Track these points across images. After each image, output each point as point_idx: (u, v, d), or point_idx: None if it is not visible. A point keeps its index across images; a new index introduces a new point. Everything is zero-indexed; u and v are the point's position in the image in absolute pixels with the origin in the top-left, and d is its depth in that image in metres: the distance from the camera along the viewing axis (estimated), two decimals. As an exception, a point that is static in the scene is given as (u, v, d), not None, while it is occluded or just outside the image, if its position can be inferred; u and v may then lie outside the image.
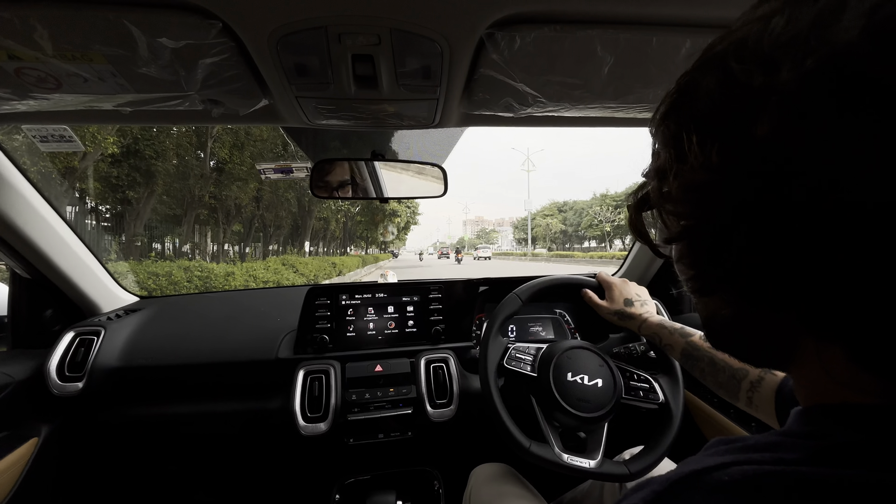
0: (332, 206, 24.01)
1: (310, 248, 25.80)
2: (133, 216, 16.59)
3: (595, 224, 57.08)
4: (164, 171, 16.57)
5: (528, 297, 0.96)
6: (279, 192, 22.07)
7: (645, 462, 0.83)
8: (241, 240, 25.49)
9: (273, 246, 26.14)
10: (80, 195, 15.68)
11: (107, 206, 17.13)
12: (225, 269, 7.36)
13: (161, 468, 1.17)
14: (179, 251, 20.99)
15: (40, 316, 1.09)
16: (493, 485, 0.90)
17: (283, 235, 26.25)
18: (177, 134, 17.21)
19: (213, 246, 22.82)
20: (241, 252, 25.16)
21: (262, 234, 25.87)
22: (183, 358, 1.07)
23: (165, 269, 6.54)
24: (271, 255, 24.11)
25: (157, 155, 15.38)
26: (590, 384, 0.86)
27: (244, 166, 19.04)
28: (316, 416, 1.01)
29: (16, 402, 0.95)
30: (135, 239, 16.77)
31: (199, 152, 18.60)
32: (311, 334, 1.11)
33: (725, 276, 0.28)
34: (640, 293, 0.95)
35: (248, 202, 21.70)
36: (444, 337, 1.18)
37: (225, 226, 21.88)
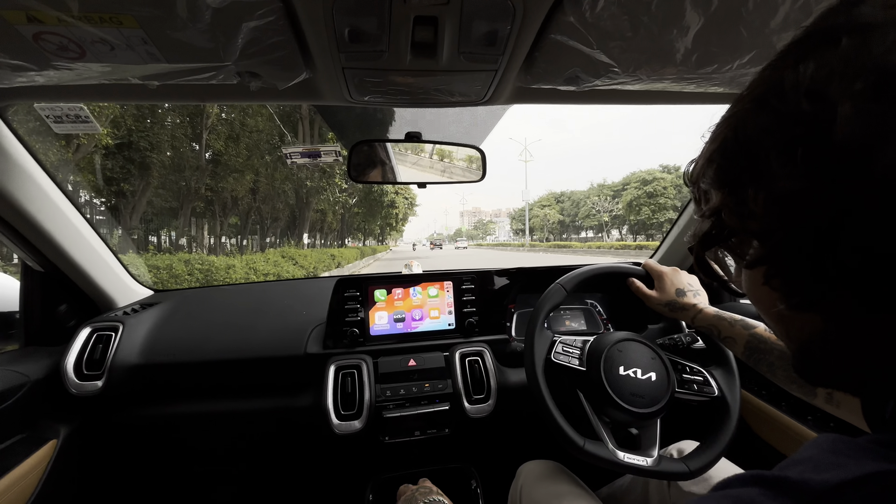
0: (330, 198, 23.86)
1: (308, 239, 25.69)
2: (129, 209, 16.41)
3: (592, 214, 57.08)
4: (160, 163, 16.38)
5: (573, 287, 0.90)
6: (276, 183, 21.88)
7: (704, 459, 0.78)
8: (238, 232, 25.34)
9: (270, 238, 25.99)
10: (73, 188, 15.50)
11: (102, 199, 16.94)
12: (226, 262, 7.28)
13: (185, 469, 1.13)
14: (176, 244, 20.84)
15: (54, 311, 1.03)
16: (545, 483, 0.86)
17: (280, 227, 26.10)
18: (171, 125, 16.99)
19: (210, 238, 22.67)
20: (239, 245, 25.02)
21: (258, 226, 25.71)
22: (206, 354, 1.02)
23: (165, 262, 6.46)
24: (268, 247, 23.99)
25: (151, 147, 15.17)
26: (643, 378, 0.81)
27: (240, 158, 18.86)
28: (350, 414, 0.96)
29: (32, 402, 0.89)
30: (132, 232, 16.62)
31: (194, 144, 18.40)
32: (340, 327, 1.05)
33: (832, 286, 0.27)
34: (692, 282, 0.90)
35: (244, 194, 21.54)
36: (477, 329, 1.13)
37: (222, 218, 21.73)
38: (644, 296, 0.90)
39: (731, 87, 0.72)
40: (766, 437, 0.99)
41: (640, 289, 0.91)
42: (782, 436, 0.95)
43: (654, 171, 41.54)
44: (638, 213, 40.73)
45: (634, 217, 41.69)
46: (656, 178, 40.29)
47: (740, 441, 0.79)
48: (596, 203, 55.56)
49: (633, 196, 41.48)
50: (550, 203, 71.24)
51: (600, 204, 54.44)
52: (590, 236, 66.03)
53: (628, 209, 42.30)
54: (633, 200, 41.46)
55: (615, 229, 56.54)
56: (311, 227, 27.60)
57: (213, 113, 17.51)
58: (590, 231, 64.65)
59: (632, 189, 41.95)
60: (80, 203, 0.98)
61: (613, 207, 51.81)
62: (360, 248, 26.98)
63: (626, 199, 42.45)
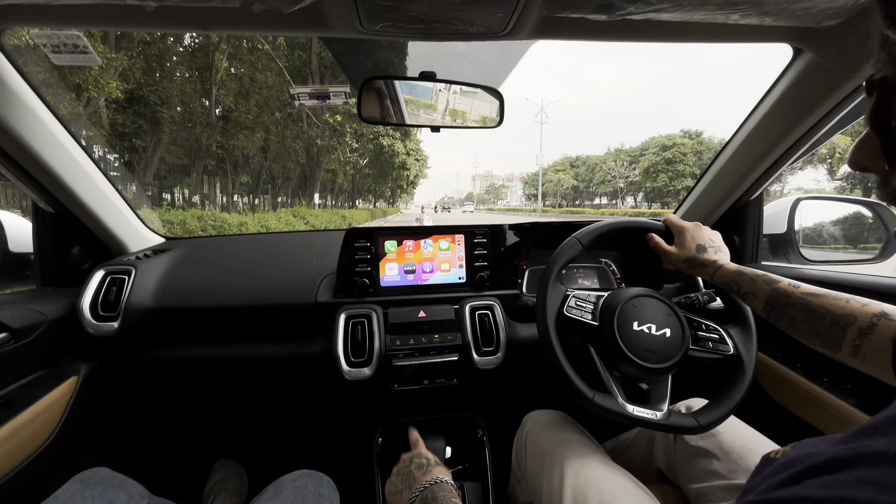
0: (341, 158, 23.60)
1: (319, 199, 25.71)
2: (142, 165, 16.51)
3: (608, 180, 55.79)
4: (170, 118, 16.31)
5: (590, 241, 0.87)
6: (286, 142, 21.67)
7: (714, 415, 0.77)
8: (249, 191, 25.43)
9: (282, 198, 26.06)
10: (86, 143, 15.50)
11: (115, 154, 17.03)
12: (238, 220, 7.36)
13: (201, 409, 1.17)
14: (189, 201, 21.05)
15: (67, 253, 1.03)
16: (551, 431, 0.87)
17: (291, 187, 26.10)
18: (180, 80, 16.73)
19: (222, 197, 22.82)
20: (251, 203, 25.17)
21: (270, 185, 25.73)
22: (218, 300, 1.02)
23: (179, 217, 6.55)
24: (280, 206, 24.11)
25: (161, 101, 15.03)
26: (657, 334, 0.79)
27: (250, 115, 18.63)
28: (360, 361, 0.97)
29: (51, 340, 0.91)
30: (146, 188, 16.80)
31: (204, 100, 18.17)
32: (351, 278, 1.05)
33: None
34: (713, 238, 0.86)
35: (255, 153, 21.43)
36: (488, 284, 1.12)
37: (233, 176, 21.78)
38: (663, 252, 0.87)
39: (779, 19, 0.65)
40: (777, 398, 0.98)
41: (659, 244, 0.88)
42: (795, 397, 0.93)
43: (675, 137, 40.09)
44: (655, 179, 39.71)
45: (651, 184, 40.70)
46: (676, 143, 38.93)
47: (751, 401, 0.78)
48: (612, 168, 54.14)
49: (650, 162, 40.29)
50: (565, 168, 69.68)
51: (616, 169, 53.06)
52: (603, 203, 64.94)
53: (645, 175, 41.23)
54: (650, 167, 40.31)
55: (630, 196, 55.41)
56: (322, 187, 27.54)
57: (223, 67, 17.13)
58: (604, 198, 63.49)
59: (650, 155, 40.70)
60: (95, 158, 0.97)
61: (630, 173, 50.52)
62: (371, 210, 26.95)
63: (644, 166, 41.28)
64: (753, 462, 0.76)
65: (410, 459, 0.78)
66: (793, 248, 1.15)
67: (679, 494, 0.86)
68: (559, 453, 0.80)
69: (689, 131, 41.08)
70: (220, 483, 1.33)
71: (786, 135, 0.91)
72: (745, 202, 1.10)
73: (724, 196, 1.09)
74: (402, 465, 0.78)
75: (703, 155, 39.37)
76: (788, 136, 0.91)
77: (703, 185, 1.13)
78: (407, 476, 0.74)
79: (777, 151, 0.95)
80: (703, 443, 0.81)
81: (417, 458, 0.78)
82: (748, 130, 0.98)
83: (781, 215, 1.17)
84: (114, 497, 0.71)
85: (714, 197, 1.11)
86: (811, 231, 1.31)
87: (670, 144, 39.20)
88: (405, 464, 0.78)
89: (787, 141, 0.92)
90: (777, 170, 0.99)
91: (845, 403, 0.82)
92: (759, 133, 0.96)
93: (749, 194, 1.07)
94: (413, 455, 0.80)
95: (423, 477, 0.71)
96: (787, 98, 0.87)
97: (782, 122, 0.90)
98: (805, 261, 1.14)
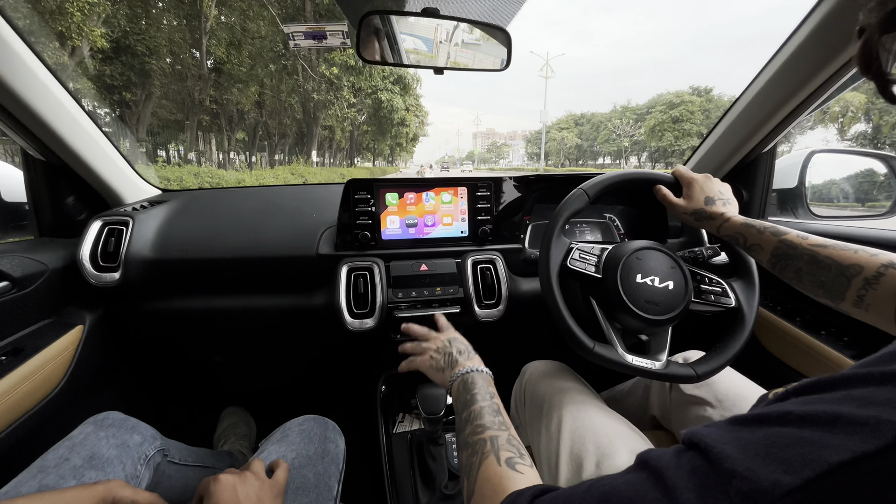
0: (338, 114, 22.93)
1: (317, 157, 25.23)
2: (134, 120, 16.06)
3: (612, 139, 54.45)
4: (160, 70, 15.68)
5: (596, 193, 0.85)
6: (282, 96, 20.97)
7: (712, 365, 0.79)
8: (246, 148, 24.91)
9: (279, 155, 25.57)
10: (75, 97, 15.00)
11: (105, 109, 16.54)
12: (236, 177, 7.25)
13: (208, 358, 1.19)
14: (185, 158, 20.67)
15: (62, 203, 1.01)
16: (549, 380, 0.89)
17: (288, 145, 25.53)
18: (168, 28, 15.92)
19: (219, 154, 22.39)
20: (248, 161, 24.72)
21: (266, 143, 25.16)
22: (219, 251, 1.02)
23: (175, 174, 6.44)
24: (277, 164, 23.71)
25: (149, 51, 14.38)
26: (660, 286, 0.79)
27: (243, 67, 17.91)
28: (362, 313, 0.98)
29: (53, 289, 0.92)
30: (139, 144, 16.44)
31: (194, 51, 17.39)
32: (351, 230, 1.03)
33: None
34: (723, 191, 0.84)
35: (250, 108, 20.81)
36: (491, 238, 1.10)
37: (229, 133, 21.27)
38: (670, 204, 0.85)
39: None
40: (775, 352, 1.00)
41: (667, 196, 0.85)
42: (793, 350, 0.95)
43: (684, 94, 38.70)
44: (660, 139, 38.73)
45: (655, 143, 39.74)
46: (684, 101, 37.63)
47: (749, 353, 0.79)
48: (617, 127, 52.68)
49: (657, 120, 39.14)
50: (569, 126, 67.82)
51: (621, 128, 51.63)
52: (607, 163, 63.78)
53: (650, 134, 40.18)
54: (656, 125, 39.20)
55: (634, 156, 54.30)
56: (320, 145, 26.94)
57: (212, 15, 16.26)
58: (607, 157, 62.28)
59: (657, 113, 39.46)
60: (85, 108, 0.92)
61: (635, 132, 49.19)
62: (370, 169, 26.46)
63: (650, 124, 40.12)
64: (747, 409, 0.79)
65: (450, 341, 0.79)
66: (802, 203, 1.13)
67: (672, 440, 0.89)
68: (557, 400, 0.82)
69: (699, 88, 39.60)
70: (229, 429, 1.39)
71: (803, 84, 0.87)
72: (756, 155, 1.07)
73: (735, 148, 1.05)
74: (442, 344, 0.79)
75: (712, 113, 38.19)
76: (806, 86, 0.87)
77: (716, 137, 1.09)
78: (449, 356, 0.75)
79: (794, 102, 0.91)
80: (698, 392, 0.83)
81: (457, 342, 0.79)
82: (765, 80, 0.93)
83: (793, 169, 1.14)
84: (127, 438, 0.73)
85: (726, 149, 1.08)
86: (821, 187, 1.28)
87: (678, 102, 37.88)
88: (445, 344, 0.79)
89: (804, 91, 0.88)
90: (792, 121, 0.95)
91: (842, 355, 0.84)
92: (776, 82, 0.91)
93: (762, 147, 1.04)
94: (452, 338, 0.81)
95: (465, 362, 0.73)
96: (808, 46, 0.83)
97: (801, 71, 0.86)
98: (814, 216, 1.13)
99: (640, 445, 0.73)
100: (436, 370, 0.76)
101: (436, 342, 0.80)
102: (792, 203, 1.15)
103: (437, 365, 0.76)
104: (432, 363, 0.77)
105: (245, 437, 1.37)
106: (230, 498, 0.56)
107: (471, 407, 0.62)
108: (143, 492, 0.59)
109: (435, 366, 0.76)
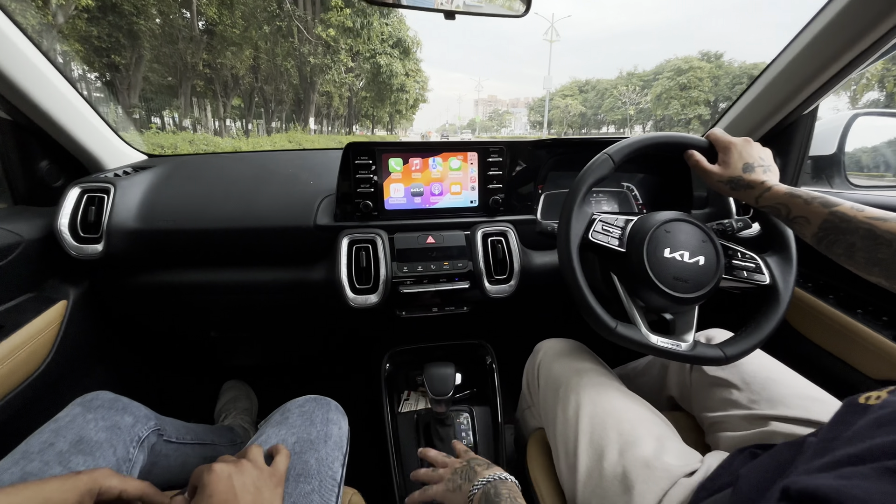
0: (336, 78, 22.20)
1: (315, 125, 24.66)
2: (125, 85, 15.56)
3: (617, 107, 53.05)
4: (149, 31, 15.07)
5: (622, 159, 0.77)
6: (277, 60, 20.25)
7: (742, 346, 0.73)
8: (242, 115, 24.32)
9: (276, 123, 24.96)
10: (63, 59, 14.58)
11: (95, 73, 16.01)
12: (232, 144, 7.05)
13: (203, 334, 1.14)
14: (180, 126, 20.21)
15: (35, 167, 0.93)
16: (565, 360, 0.83)
17: (285, 111, 24.88)
18: (155, -15, 15.19)
19: (214, 121, 21.88)
20: (245, 128, 24.18)
21: (263, 109, 24.53)
22: (208, 222, 0.94)
23: (170, 140, 6.26)
24: (274, 132, 23.19)
25: (137, 11, 13.74)
26: (690, 262, 0.72)
27: (236, 29, 17.19)
28: (365, 288, 0.92)
29: (31, 262, 0.85)
30: (131, 110, 16.01)
31: (184, 11, 16.64)
32: (352, 199, 0.95)
33: None
34: (763, 156, 0.75)
35: (245, 72, 20.14)
36: (502, 209, 1.02)
37: (224, 99, 20.70)
38: (704, 171, 0.77)
39: None
40: (805, 331, 0.94)
41: (700, 163, 0.77)
42: (826, 330, 0.89)
43: (693, 59, 37.38)
44: (666, 107, 37.75)
45: (661, 111, 38.75)
46: (693, 67, 36.40)
47: (775, 333, 0.73)
48: (623, 94, 51.17)
49: (663, 88, 38.01)
50: (573, 93, 65.92)
51: (627, 95, 50.17)
52: (611, 132, 62.41)
53: (656, 102, 39.13)
54: (663, 93, 38.10)
55: (639, 125, 53.06)
56: (318, 112, 26.27)
57: (201, -29, 15.47)
58: (612, 126, 60.85)
59: (664, 80, 38.27)
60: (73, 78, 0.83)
61: (641, 100, 47.86)
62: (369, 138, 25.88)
63: (656, 92, 38.99)
64: (777, 393, 0.74)
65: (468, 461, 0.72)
66: (839, 171, 1.04)
67: (691, 423, 0.85)
68: (574, 382, 0.77)
69: (709, 53, 38.22)
70: (230, 403, 1.36)
71: (857, 40, 0.77)
72: (796, 118, 0.98)
73: (774, 109, 0.95)
74: (458, 465, 0.72)
75: (721, 80, 37.01)
76: (859, 42, 0.77)
77: (751, 96, 0.99)
78: (467, 471, 0.69)
79: (848, 55, 0.80)
80: (722, 373, 0.78)
81: (475, 459, 0.72)
82: (812, 34, 0.83)
83: (832, 134, 1.04)
84: (118, 419, 0.68)
85: (763, 110, 0.98)
86: (857, 154, 1.19)
87: (686, 68, 36.63)
88: (463, 464, 0.72)
89: (856, 47, 0.78)
90: (843, 78, 0.85)
91: (881, 336, 0.78)
92: (830, 32, 0.81)
93: (804, 107, 0.94)
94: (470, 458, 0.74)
95: (485, 472, 0.66)
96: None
97: (861, 19, 0.75)
98: (851, 186, 1.04)
99: (665, 432, 0.68)
100: (451, 492, 0.68)
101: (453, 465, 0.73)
102: (828, 172, 1.06)
103: (451, 486, 0.69)
104: (447, 486, 0.69)
105: (246, 411, 1.34)
106: (225, 489, 0.51)
107: None
108: (132, 480, 0.55)
109: (450, 487, 0.69)
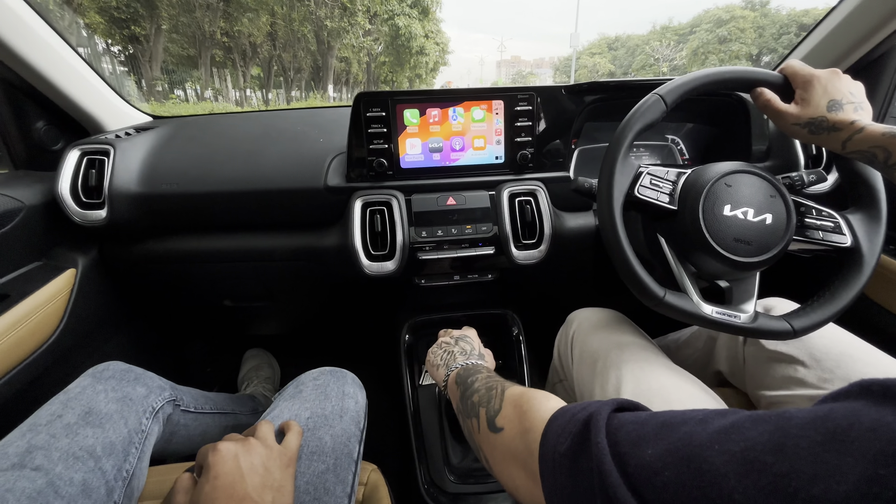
0: (354, 43, 21.62)
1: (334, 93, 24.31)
2: (146, 57, 15.62)
3: (649, 65, 49.85)
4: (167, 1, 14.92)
5: (675, 100, 0.64)
6: (294, 26, 19.81)
7: (814, 319, 0.62)
8: (262, 85, 24.19)
9: (295, 91, 24.73)
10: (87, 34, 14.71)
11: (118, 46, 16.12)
12: (251, 113, 7.00)
13: (217, 303, 1.11)
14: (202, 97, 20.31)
15: (31, 129, 0.88)
16: (603, 332, 0.75)
17: (304, 79, 24.57)
18: (169, -50, 14.94)
19: (234, 91, 21.86)
20: (265, 98, 24.09)
21: (282, 78, 24.29)
22: (213, 185, 0.88)
23: (189, 110, 6.25)
24: (294, 101, 23.02)
25: (152, -22, 13.58)
26: (755, 220, 0.61)
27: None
28: (381, 255, 0.84)
29: (35, 229, 0.82)
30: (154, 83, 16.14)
31: (199, -24, 16.31)
32: (365, 156, 0.86)
33: None
34: (854, 91, 0.61)
35: (262, 40, 19.86)
36: (531, 165, 0.92)
37: (243, 69, 20.59)
38: (776, 112, 0.63)
39: None
40: (883, 302, 0.82)
41: (771, 102, 0.63)
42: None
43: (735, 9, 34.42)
44: (703, 63, 35.21)
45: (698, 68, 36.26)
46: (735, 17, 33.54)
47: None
48: (655, 50, 47.90)
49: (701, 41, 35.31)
50: (602, 50, 62.27)
51: (660, 51, 46.90)
52: (641, 92, 59.01)
53: (692, 58, 36.51)
54: (699, 47, 35.45)
55: (672, 83, 49.88)
56: (336, 79, 25.83)
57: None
58: (642, 86, 57.58)
59: (701, 32, 35.51)
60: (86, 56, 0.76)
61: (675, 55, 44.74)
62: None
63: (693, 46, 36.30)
64: (853, 371, 0.63)
65: (457, 340, 0.71)
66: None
67: (744, 400, 0.76)
68: (615, 357, 0.68)
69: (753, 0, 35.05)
70: (252, 371, 1.35)
71: None
72: (889, 46, 0.81)
73: (865, 34, 0.79)
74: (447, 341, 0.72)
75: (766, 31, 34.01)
76: None
77: (834, 23, 0.82)
78: (449, 355, 0.68)
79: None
80: (784, 347, 0.68)
81: (465, 341, 0.71)
82: None
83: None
84: (129, 390, 0.65)
85: (849, 37, 0.81)
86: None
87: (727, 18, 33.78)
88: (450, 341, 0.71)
89: None
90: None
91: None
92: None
93: (901, 33, 0.77)
94: (462, 335, 0.73)
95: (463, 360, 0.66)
96: None
97: None
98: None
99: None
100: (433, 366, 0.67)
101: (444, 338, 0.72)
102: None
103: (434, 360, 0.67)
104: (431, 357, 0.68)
105: (269, 379, 1.33)
106: (231, 469, 0.47)
107: (472, 387, 0.53)
108: None
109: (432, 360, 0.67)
